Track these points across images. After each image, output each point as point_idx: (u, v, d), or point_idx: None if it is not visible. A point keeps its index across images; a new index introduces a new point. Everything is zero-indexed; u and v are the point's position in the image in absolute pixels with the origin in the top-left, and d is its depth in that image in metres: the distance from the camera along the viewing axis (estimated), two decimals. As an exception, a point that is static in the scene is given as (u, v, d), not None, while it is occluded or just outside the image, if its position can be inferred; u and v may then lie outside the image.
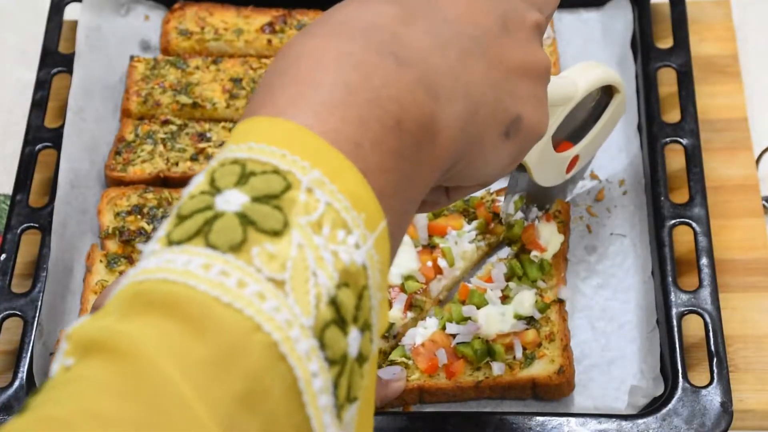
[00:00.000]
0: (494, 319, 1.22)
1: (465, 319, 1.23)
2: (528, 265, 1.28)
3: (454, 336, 1.22)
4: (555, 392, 1.22)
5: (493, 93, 0.72)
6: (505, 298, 1.25)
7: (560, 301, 1.26)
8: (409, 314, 1.27)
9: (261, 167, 0.59)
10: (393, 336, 1.27)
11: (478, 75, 0.71)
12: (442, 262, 1.30)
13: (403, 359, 1.22)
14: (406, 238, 1.32)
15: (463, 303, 1.25)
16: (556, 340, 1.22)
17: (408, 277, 1.29)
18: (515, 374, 1.20)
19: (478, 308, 1.23)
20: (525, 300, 1.24)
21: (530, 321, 1.24)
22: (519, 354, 1.21)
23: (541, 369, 1.20)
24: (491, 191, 1.36)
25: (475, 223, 1.33)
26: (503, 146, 0.75)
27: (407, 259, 1.30)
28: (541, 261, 1.28)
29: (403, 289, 1.28)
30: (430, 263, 1.30)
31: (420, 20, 0.69)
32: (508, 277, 1.27)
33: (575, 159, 1.22)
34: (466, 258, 1.32)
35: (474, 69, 0.71)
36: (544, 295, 1.26)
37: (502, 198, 1.33)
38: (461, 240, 1.32)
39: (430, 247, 1.33)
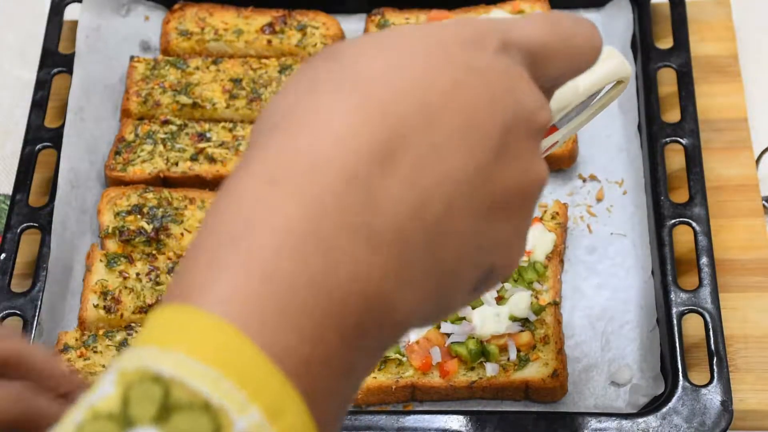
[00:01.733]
0: (489, 320, 1.22)
1: (460, 319, 1.23)
2: (522, 266, 1.28)
3: (448, 335, 1.23)
4: (548, 395, 1.22)
5: (470, 257, 0.60)
6: (500, 299, 1.25)
7: (555, 304, 1.26)
8: None
9: (188, 398, 0.48)
10: None
11: (458, 235, 0.58)
12: None
13: (397, 356, 1.22)
14: None
15: None
16: (550, 343, 1.22)
17: None
18: (509, 376, 1.21)
19: (473, 308, 1.23)
20: (520, 301, 1.24)
21: (525, 323, 1.24)
22: (513, 356, 1.22)
23: (534, 372, 1.21)
24: None
25: None
26: (467, 298, 0.65)
27: None
28: (534, 263, 1.27)
29: None
30: None
31: (406, 152, 0.55)
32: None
33: (553, 145, 1.10)
34: None
35: (454, 228, 0.58)
36: (540, 297, 1.26)
37: None
38: None
39: None
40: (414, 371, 1.21)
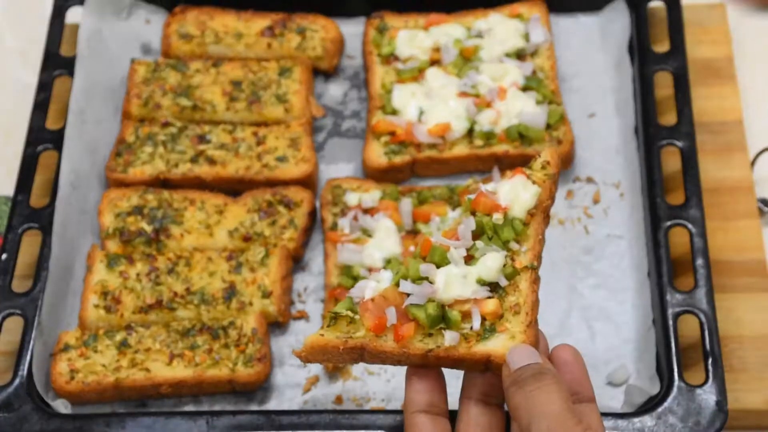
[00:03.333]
0: (454, 282, 1.04)
1: (422, 279, 1.05)
2: (498, 224, 1.07)
3: (407, 295, 1.04)
4: None
5: None
6: (470, 259, 1.06)
7: (533, 268, 1.06)
8: None
9: None
10: None
11: None
12: None
13: (349, 313, 1.05)
14: (390, 224, 1.33)
15: (423, 259, 1.07)
16: (521, 313, 1.03)
17: (390, 261, 1.30)
18: (470, 347, 1.02)
19: (438, 267, 1.05)
20: (492, 263, 1.04)
21: (495, 288, 1.05)
22: (477, 324, 1.03)
23: (499, 345, 1.01)
24: (477, 179, 1.37)
25: (459, 210, 1.34)
26: None
27: (390, 244, 1.31)
28: (512, 220, 1.06)
29: None
30: (412, 248, 1.31)
31: None
32: (476, 236, 1.07)
33: None
34: None
35: None
36: (516, 260, 1.06)
37: (488, 186, 1.26)
38: (444, 226, 1.32)
39: (413, 233, 1.34)
40: (366, 332, 1.04)
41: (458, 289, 1.04)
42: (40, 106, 1.44)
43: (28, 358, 1.24)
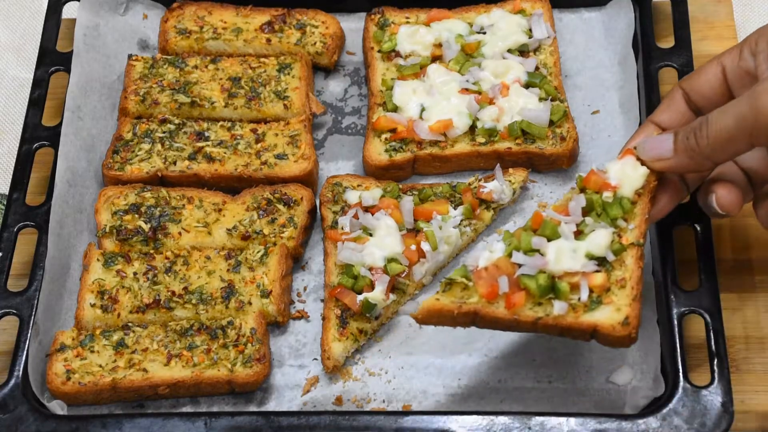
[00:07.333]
0: (564, 255, 1.14)
1: (533, 251, 1.14)
2: (607, 201, 1.17)
3: (519, 265, 1.14)
4: (615, 343, 1.13)
5: None
6: (579, 234, 1.16)
7: (639, 245, 1.15)
8: (392, 296, 1.28)
9: None
10: (375, 317, 1.28)
11: None
12: (425, 246, 1.31)
13: (463, 280, 1.13)
14: (391, 222, 1.32)
15: (534, 232, 1.16)
16: (626, 287, 1.13)
17: (391, 260, 1.30)
18: (577, 317, 1.12)
19: (549, 240, 1.14)
20: (600, 239, 1.14)
21: (602, 262, 1.14)
22: (584, 296, 1.12)
23: (605, 316, 1.11)
24: (479, 177, 1.37)
25: (461, 209, 1.34)
26: None
27: (391, 242, 1.30)
28: (621, 198, 1.16)
29: (386, 271, 1.29)
30: (414, 247, 1.31)
31: None
32: (586, 212, 1.17)
33: None
34: (450, 242, 1.31)
35: None
36: (623, 236, 1.16)
37: (489, 184, 1.33)
38: (446, 225, 1.32)
39: (414, 231, 1.33)
40: (479, 298, 1.13)
41: (568, 262, 1.13)
42: (36, 103, 1.43)
43: (24, 358, 1.23)
